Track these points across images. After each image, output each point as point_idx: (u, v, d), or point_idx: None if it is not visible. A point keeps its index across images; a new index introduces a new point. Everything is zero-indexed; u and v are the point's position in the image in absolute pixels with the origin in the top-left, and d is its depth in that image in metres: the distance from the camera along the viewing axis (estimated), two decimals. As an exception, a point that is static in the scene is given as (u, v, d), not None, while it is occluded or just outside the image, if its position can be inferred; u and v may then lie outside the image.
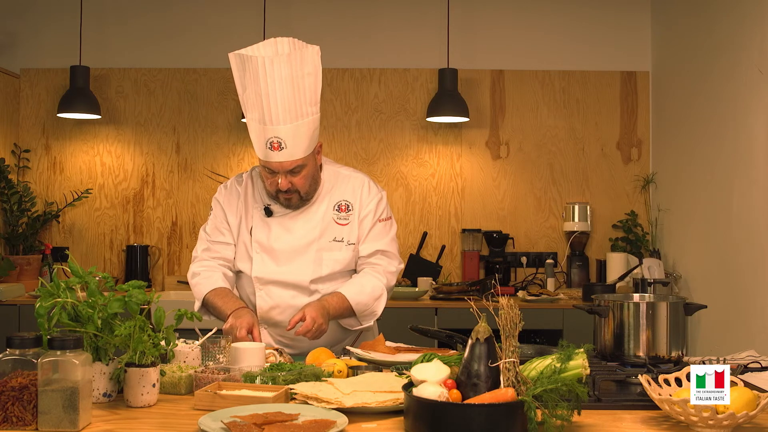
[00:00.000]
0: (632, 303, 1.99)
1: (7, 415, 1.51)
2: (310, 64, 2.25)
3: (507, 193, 4.74)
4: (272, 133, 2.25)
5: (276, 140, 2.25)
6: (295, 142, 2.27)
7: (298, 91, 2.24)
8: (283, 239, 2.43)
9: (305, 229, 2.43)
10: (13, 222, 4.49)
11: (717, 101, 3.76)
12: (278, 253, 2.43)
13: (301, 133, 2.27)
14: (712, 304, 3.25)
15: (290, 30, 4.76)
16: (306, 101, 2.26)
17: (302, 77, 2.24)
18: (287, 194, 2.37)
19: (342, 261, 2.44)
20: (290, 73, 2.21)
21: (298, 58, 2.22)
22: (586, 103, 4.74)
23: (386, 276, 2.48)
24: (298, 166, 2.31)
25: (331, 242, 2.44)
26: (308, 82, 2.26)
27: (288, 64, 2.20)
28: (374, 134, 4.76)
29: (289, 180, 2.33)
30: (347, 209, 2.46)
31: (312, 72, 2.26)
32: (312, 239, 2.43)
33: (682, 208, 4.22)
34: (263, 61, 2.19)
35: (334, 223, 2.45)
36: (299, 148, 2.28)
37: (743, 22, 3.48)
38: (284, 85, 2.21)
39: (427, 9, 4.73)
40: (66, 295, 1.71)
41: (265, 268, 2.43)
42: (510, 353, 1.52)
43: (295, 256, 2.43)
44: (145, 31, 4.77)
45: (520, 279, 4.70)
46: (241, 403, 1.66)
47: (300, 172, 2.33)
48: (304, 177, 2.35)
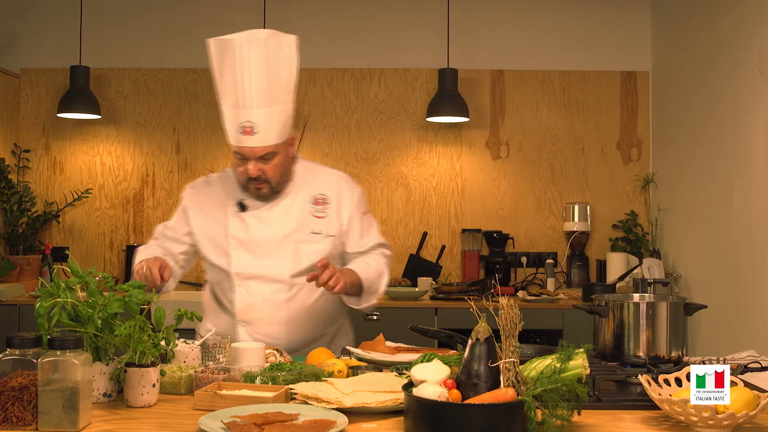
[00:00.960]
0: (632, 303, 1.99)
1: (7, 415, 1.51)
2: (286, 51, 2.29)
3: (507, 193, 4.74)
4: (245, 117, 2.27)
5: (249, 125, 2.27)
6: (268, 127, 2.28)
7: (272, 76, 2.27)
8: (260, 231, 2.43)
9: (282, 222, 2.44)
10: (13, 222, 4.49)
11: (717, 101, 3.76)
12: (256, 246, 2.43)
13: (273, 120, 2.29)
14: (712, 304, 3.25)
15: (290, 30, 4.72)
16: (280, 88, 2.29)
17: (277, 62, 2.27)
18: (257, 182, 2.37)
19: (321, 252, 2.43)
20: (266, 57, 2.25)
21: (274, 44, 2.26)
22: (586, 103, 4.74)
23: (385, 259, 2.56)
24: (269, 152, 2.32)
25: (309, 234, 2.44)
26: (283, 68, 2.29)
27: (264, 47, 2.25)
28: (374, 134, 4.76)
29: (260, 167, 2.34)
30: (324, 202, 2.47)
31: (287, 59, 2.29)
32: (289, 231, 2.43)
33: (682, 208, 4.22)
34: (240, 45, 2.24)
35: (311, 216, 2.46)
36: (271, 134, 2.30)
37: (743, 22, 3.48)
38: (259, 69, 2.25)
39: (427, 9, 4.73)
40: (66, 295, 1.71)
41: (244, 262, 2.43)
42: (510, 353, 1.52)
43: (274, 249, 2.43)
44: (145, 31, 4.77)
45: (520, 279, 4.70)
46: (241, 403, 1.66)
47: (271, 159, 2.34)
48: (275, 166, 2.36)
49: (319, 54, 4.74)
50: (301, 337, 2.45)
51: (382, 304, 4.17)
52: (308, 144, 4.73)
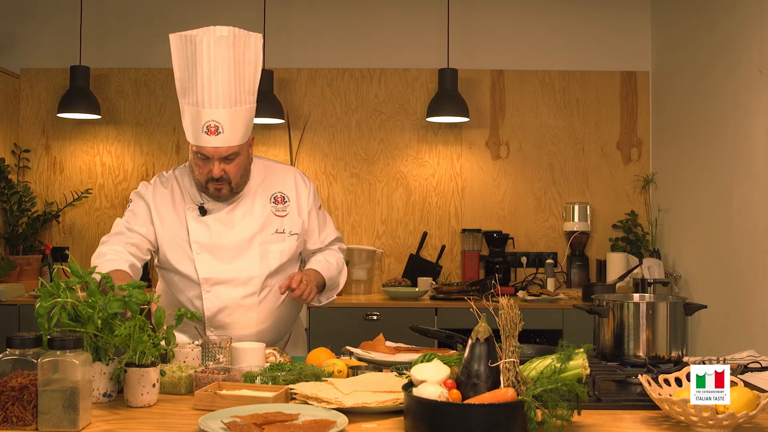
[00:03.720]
0: (632, 303, 1.99)
1: (7, 415, 1.51)
2: (252, 52, 2.25)
3: (507, 193, 4.74)
4: (210, 117, 2.22)
5: (213, 124, 2.22)
6: (233, 127, 2.25)
7: (239, 76, 2.23)
8: (224, 236, 2.38)
9: (245, 223, 2.40)
10: (13, 222, 4.49)
11: (717, 101, 3.76)
12: (221, 250, 2.37)
13: (238, 120, 2.25)
14: (712, 304, 3.25)
15: (290, 30, 4.78)
16: (245, 89, 2.26)
17: (243, 63, 2.24)
18: (218, 183, 2.32)
19: (288, 252, 2.43)
20: (233, 57, 2.21)
21: (241, 44, 2.22)
22: (586, 103, 4.74)
23: (343, 253, 2.60)
24: (233, 153, 2.29)
25: (274, 234, 2.42)
26: (248, 69, 2.26)
27: (232, 47, 2.21)
28: (374, 134, 4.76)
29: (222, 167, 2.29)
30: (284, 201, 2.46)
31: (253, 60, 2.26)
32: (254, 232, 2.40)
33: (682, 208, 4.22)
34: (208, 43, 2.19)
35: (272, 215, 2.43)
36: (236, 134, 2.26)
37: (743, 22, 3.48)
38: (226, 68, 2.20)
39: (427, 9, 4.73)
40: (66, 295, 1.71)
41: (211, 267, 2.36)
42: (510, 353, 1.52)
43: (240, 252, 2.38)
44: (145, 31, 4.77)
45: (520, 279, 4.70)
46: (241, 403, 1.66)
47: (234, 159, 2.30)
48: (237, 165, 2.32)
49: (319, 54, 4.74)
50: (267, 338, 2.41)
51: (382, 304, 4.19)
52: (308, 144, 4.73)
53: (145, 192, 2.43)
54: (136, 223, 2.39)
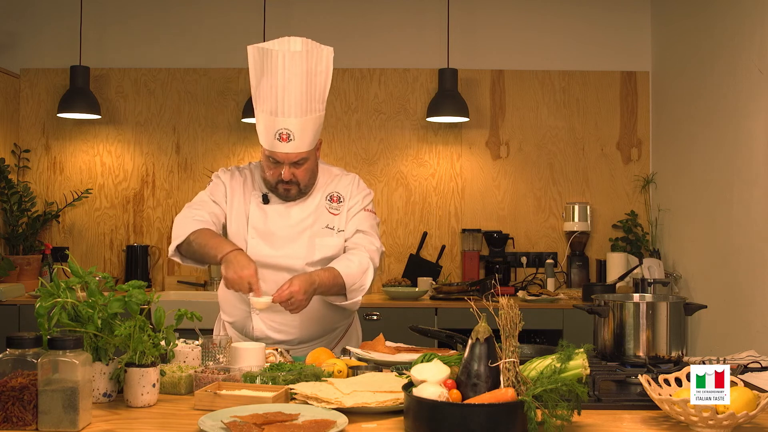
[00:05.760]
0: (632, 303, 1.99)
1: (8, 415, 1.51)
2: (323, 63, 2.37)
3: (507, 193, 4.74)
4: (282, 125, 2.35)
5: (285, 132, 2.35)
6: (303, 135, 2.37)
7: (310, 86, 2.35)
8: (279, 224, 2.50)
9: (300, 217, 2.51)
10: (13, 222, 4.48)
11: (717, 101, 3.76)
12: (274, 237, 2.49)
13: (308, 127, 2.38)
14: (712, 304, 3.25)
15: (290, 30, 4.72)
16: (316, 98, 2.38)
17: (315, 74, 2.36)
18: (287, 185, 2.45)
19: (333, 247, 2.51)
20: (306, 69, 2.33)
21: (314, 56, 2.35)
22: (586, 103, 4.74)
23: (369, 252, 2.51)
24: (302, 158, 2.41)
25: (323, 229, 2.52)
26: (319, 80, 2.38)
27: (306, 60, 2.33)
28: (374, 134, 4.76)
29: (292, 171, 2.42)
30: (338, 200, 2.56)
31: (324, 71, 2.38)
32: (306, 226, 2.51)
33: (682, 208, 4.22)
34: (283, 56, 2.31)
35: (326, 211, 2.54)
36: (305, 141, 2.38)
37: (743, 22, 3.48)
38: (299, 80, 2.33)
39: (427, 9, 4.73)
40: (66, 295, 1.71)
41: (261, 251, 2.48)
42: (510, 353, 1.52)
43: (290, 241, 2.49)
44: (145, 31, 4.77)
45: (520, 279, 4.70)
46: (241, 403, 1.66)
47: (303, 164, 2.43)
48: (305, 170, 2.45)
49: (319, 54, 4.74)
50: (314, 328, 2.51)
51: (382, 304, 4.19)
52: (308, 144, 4.73)
53: (224, 175, 2.59)
54: (217, 197, 2.56)
